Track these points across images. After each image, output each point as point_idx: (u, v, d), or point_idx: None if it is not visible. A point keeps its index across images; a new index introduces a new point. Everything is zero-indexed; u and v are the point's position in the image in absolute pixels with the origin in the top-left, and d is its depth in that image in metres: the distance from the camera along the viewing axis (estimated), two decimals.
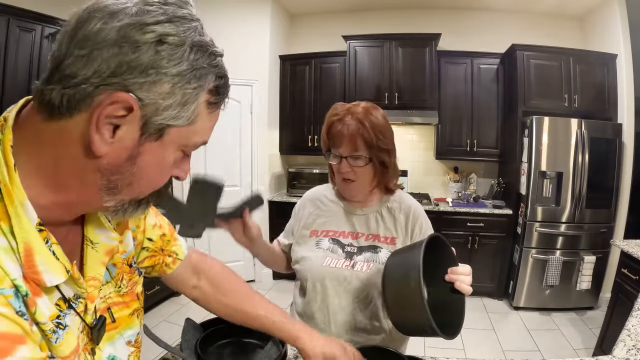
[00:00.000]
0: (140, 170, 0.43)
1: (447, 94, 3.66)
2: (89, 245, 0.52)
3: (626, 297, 2.18)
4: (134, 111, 0.39)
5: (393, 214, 1.08)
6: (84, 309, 0.50)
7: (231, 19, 3.54)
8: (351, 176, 1.01)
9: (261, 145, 3.76)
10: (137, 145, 0.42)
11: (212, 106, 0.47)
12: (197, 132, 0.46)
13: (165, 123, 0.42)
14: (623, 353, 0.99)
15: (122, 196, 0.45)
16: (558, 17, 3.73)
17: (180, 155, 0.47)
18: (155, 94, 0.40)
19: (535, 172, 3.12)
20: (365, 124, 0.98)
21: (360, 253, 1.04)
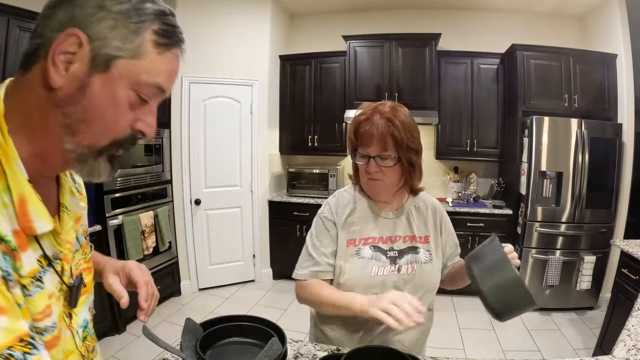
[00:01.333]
0: (91, 104, 0.47)
1: (447, 94, 3.66)
2: (65, 211, 0.58)
3: (626, 297, 2.18)
4: (83, 45, 0.45)
5: (422, 213, 1.10)
6: (62, 270, 0.54)
7: (231, 19, 3.53)
8: (379, 176, 1.00)
9: (261, 145, 3.77)
10: (87, 75, 0.46)
11: (160, 47, 0.50)
12: (146, 69, 0.49)
13: (111, 54, 0.47)
14: (623, 353, 0.99)
15: (80, 137, 0.48)
16: (558, 17, 3.73)
17: (134, 97, 0.49)
18: (101, 28, 0.46)
19: (535, 172, 3.12)
20: (395, 122, 0.96)
21: (402, 256, 1.04)
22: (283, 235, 3.79)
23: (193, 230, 3.56)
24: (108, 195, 2.72)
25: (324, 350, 1.02)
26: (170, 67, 0.53)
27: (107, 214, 2.70)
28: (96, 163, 0.51)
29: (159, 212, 3.12)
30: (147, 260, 3.05)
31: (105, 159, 0.52)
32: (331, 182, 3.80)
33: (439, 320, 0.92)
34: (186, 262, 3.55)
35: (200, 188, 3.57)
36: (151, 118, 0.53)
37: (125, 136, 0.51)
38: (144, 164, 3.05)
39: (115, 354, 2.52)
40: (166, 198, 3.31)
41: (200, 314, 3.10)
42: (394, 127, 0.96)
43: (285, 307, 3.30)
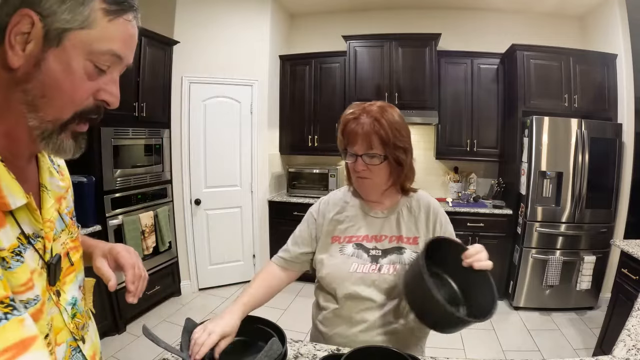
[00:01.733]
0: (48, 78, 0.48)
1: (447, 94, 3.66)
2: (44, 190, 0.59)
3: (626, 297, 2.18)
4: (35, 23, 0.47)
5: (413, 214, 1.09)
6: (43, 248, 0.56)
7: (231, 19, 3.53)
8: (366, 174, 1.02)
9: (261, 145, 3.76)
10: (42, 51, 0.48)
11: (111, 14, 0.51)
12: (98, 38, 0.50)
13: (62, 27, 0.48)
14: (623, 353, 0.99)
15: (43, 113, 0.50)
16: (558, 17, 3.73)
17: (91, 67, 0.51)
18: (51, 4, 0.47)
19: (535, 172, 3.12)
20: (382, 122, 0.98)
21: (385, 256, 1.04)
22: (283, 235, 3.74)
23: (193, 230, 3.56)
24: (108, 195, 2.72)
25: (324, 350, 1.02)
26: (124, 33, 0.53)
27: (107, 214, 2.70)
28: (60, 139, 0.52)
29: (159, 212, 3.12)
30: (147, 260, 3.05)
31: (69, 135, 0.53)
32: (331, 182, 3.80)
33: None
34: (186, 262, 3.55)
35: (200, 188, 3.57)
36: (113, 87, 0.54)
37: (88, 107, 0.53)
38: (144, 164, 3.05)
39: (115, 354, 2.52)
40: (166, 198, 3.31)
41: (200, 314, 3.10)
42: (380, 125, 0.97)
43: (285, 307, 3.30)
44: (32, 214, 0.54)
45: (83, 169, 2.63)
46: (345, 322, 1.06)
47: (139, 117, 2.94)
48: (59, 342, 0.58)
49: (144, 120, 3.00)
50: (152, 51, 3.02)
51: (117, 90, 0.55)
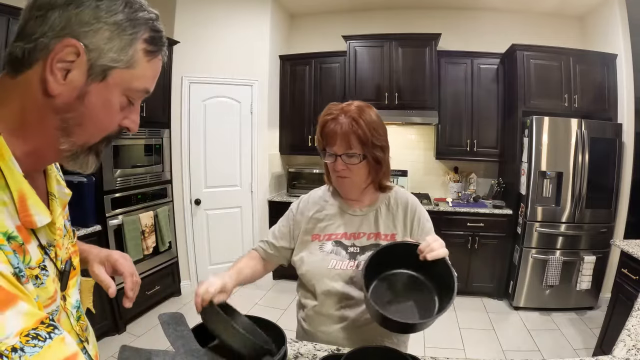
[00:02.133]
0: (88, 110, 0.50)
1: (447, 94, 3.66)
2: (53, 199, 0.61)
3: (626, 297, 2.18)
4: (80, 55, 0.47)
5: (392, 211, 1.11)
6: (55, 256, 0.57)
7: (231, 19, 3.53)
8: (346, 173, 1.03)
9: (261, 145, 3.76)
10: (85, 85, 0.49)
11: (150, 54, 0.54)
12: (137, 77, 0.53)
13: (108, 65, 0.50)
14: (623, 353, 0.99)
15: (75, 138, 0.52)
16: (558, 17, 3.73)
17: (125, 101, 0.54)
18: (97, 40, 0.48)
19: (535, 172, 3.12)
20: (360, 122, 0.99)
21: (363, 253, 1.06)
22: None
23: (193, 230, 3.56)
24: (108, 195, 2.72)
25: (324, 350, 1.02)
26: (156, 71, 0.57)
27: (107, 214, 2.70)
28: (85, 158, 0.55)
29: (159, 212, 3.12)
30: (147, 260, 3.05)
31: (94, 153, 0.57)
32: None
33: (439, 320, 0.91)
34: (186, 262, 3.55)
35: (200, 188, 3.57)
36: (135, 115, 0.58)
37: (113, 132, 0.56)
38: (144, 164, 3.05)
39: (115, 354, 2.50)
40: (166, 198, 3.31)
41: None
42: (358, 126, 0.98)
43: (285, 307, 3.30)
44: (50, 227, 0.56)
45: None
46: (325, 319, 1.08)
47: None
48: None
49: (144, 120, 2.99)
50: None
51: (138, 118, 0.59)
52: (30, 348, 0.41)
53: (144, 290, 3.04)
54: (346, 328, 1.06)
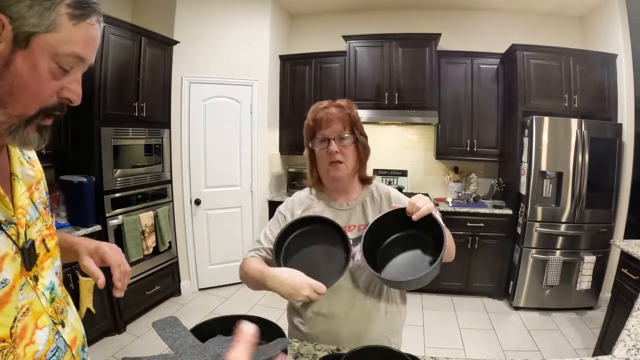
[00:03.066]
0: (16, 78, 0.51)
1: (447, 94, 3.66)
2: (16, 179, 0.62)
3: (626, 297, 2.18)
4: (5, 26, 0.49)
5: (376, 202, 1.16)
6: (17, 234, 0.58)
7: (231, 19, 3.53)
8: (340, 157, 1.06)
9: (261, 145, 3.76)
10: (11, 53, 0.51)
11: (75, 18, 0.54)
12: (63, 41, 0.53)
13: (29, 31, 0.51)
14: (623, 353, 0.99)
15: (10, 109, 0.53)
16: (558, 17, 3.73)
17: (55, 67, 0.54)
18: (20, 8, 0.50)
19: (535, 172, 3.12)
20: (349, 110, 1.09)
21: (356, 244, 1.07)
22: None
23: (193, 230, 3.56)
24: (108, 195, 2.72)
25: (324, 350, 1.03)
26: (87, 36, 0.56)
27: (107, 214, 2.70)
28: (26, 132, 0.55)
29: (159, 212, 3.12)
30: (147, 261, 3.05)
31: (34, 128, 0.56)
32: None
33: (439, 320, 0.92)
34: (186, 262, 3.55)
35: (200, 188, 3.57)
36: (76, 85, 0.58)
37: (52, 104, 0.56)
38: (144, 164, 3.05)
39: (115, 354, 2.51)
40: (166, 198, 3.31)
41: (200, 314, 3.10)
42: (350, 111, 1.08)
43: (285, 307, 3.30)
44: (1, 200, 0.56)
45: (83, 169, 2.63)
46: (325, 317, 1.10)
47: (139, 117, 2.94)
48: (40, 326, 0.60)
49: (144, 120, 2.99)
50: (152, 51, 3.02)
51: (79, 88, 0.58)
52: None
53: (144, 290, 3.04)
54: (345, 319, 1.08)
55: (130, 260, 2.82)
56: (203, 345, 0.83)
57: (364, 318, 1.09)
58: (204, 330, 0.90)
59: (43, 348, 0.60)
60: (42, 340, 0.60)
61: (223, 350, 0.82)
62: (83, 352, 0.73)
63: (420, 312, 3.23)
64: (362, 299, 1.09)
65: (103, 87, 2.61)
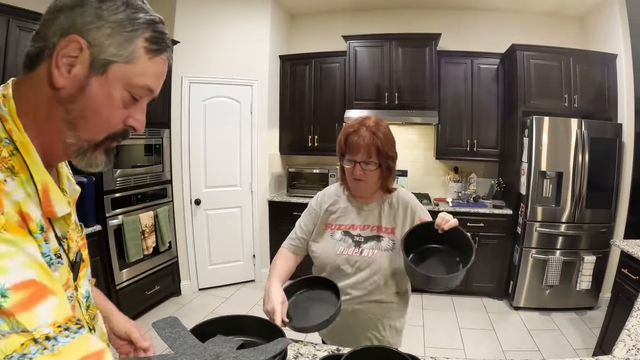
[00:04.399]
0: (90, 102, 0.54)
1: (447, 94, 3.66)
2: (65, 195, 0.64)
3: (626, 297, 2.18)
4: (83, 50, 0.52)
5: (393, 209, 1.28)
6: (68, 248, 0.62)
7: (231, 19, 3.53)
8: (362, 177, 1.21)
9: (261, 145, 3.76)
10: (87, 77, 0.53)
11: (151, 52, 0.57)
12: (138, 73, 0.56)
13: (108, 59, 0.53)
14: (623, 353, 0.99)
15: (80, 132, 0.55)
16: (558, 17, 3.73)
17: (127, 97, 0.56)
18: (99, 36, 0.52)
19: (535, 172, 3.12)
20: (379, 135, 1.18)
21: (367, 242, 1.24)
22: (283, 235, 3.72)
23: (193, 230, 3.56)
24: (108, 195, 2.72)
25: (324, 350, 1.03)
26: (159, 70, 0.60)
27: (107, 214, 2.70)
28: (94, 155, 0.58)
29: (159, 212, 3.12)
30: (147, 260, 3.06)
31: (102, 151, 0.59)
32: (331, 182, 3.80)
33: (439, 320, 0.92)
34: (186, 262, 3.55)
35: (200, 188, 3.57)
36: (141, 115, 0.60)
37: (118, 130, 0.58)
38: (144, 164, 3.05)
39: (115, 354, 2.51)
40: (166, 198, 3.31)
41: (200, 314, 3.10)
42: (378, 138, 1.18)
43: None
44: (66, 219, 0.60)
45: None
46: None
47: None
48: None
49: None
50: None
51: (143, 117, 0.61)
52: (63, 338, 0.45)
53: (144, 290, 3.04)
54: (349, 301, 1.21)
55: (130, 260, 2.83)
56: (203, 345, 0.83)
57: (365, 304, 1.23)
58: (204, 331, 0.90)
59: None
60: None
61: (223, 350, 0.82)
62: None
63: (420, 312, 3.23)
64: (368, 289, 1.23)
65: None
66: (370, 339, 1.26)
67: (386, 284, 1.22)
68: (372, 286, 1.21)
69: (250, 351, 0.82)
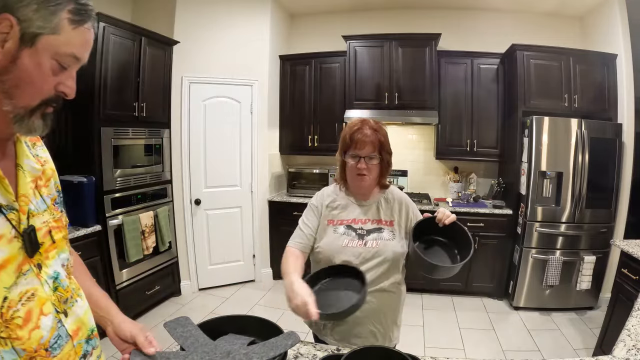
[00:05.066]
0: (23, 72, 0.59)
1: (447, 94, 3.66)
2: (20, 170, 0.68)
3: (626, 297, 2.18)
4: (13, 27, 0.57)
5: (390, 203, 1.39)
6: (18, 220, 0.63)
7: (231, 19, 3.53)
8: (365, 172, 1.30)
9: (261, 145, 3.76)
10: (18, 50, 0.58)
11: (74, 23, 0.61)
12: (64, 43, 0.61)
13: (36, 32, 0.58)
14: (623, 353, 0.99)
15: (16, 100, 0.60)
16: (558, 17, 3.73)
17: (56, 65, 0.61)
18: (27, 12, 0.57)
19: (535, 172, 3.12)
20: (382, 132, 1.32)
21: (369, 234, 1.32)
22: (283, 235, 3.74)
23: (193, 230, 3.56)
24: (108, 195, 2.72)
25: (324, 350, 1.03)
26: (84, 39, 0.64)
27: (107, 214, 2.70)
28: (31, 120, 0.62)
29: (159, 212, 3.12)
30: (147, 260, 3.05)
31: (39, 116, 0.63)
32: (331, 182, 3.78)
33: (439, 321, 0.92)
34: (186, 262, 3.55)
35: (200, 188, 3.57)
36: (71, 82, 0.65)
37: (50, 97, 0.63)
38: (144, 164, 3.05)
39: (115, 354, 2.50)
40: (166, 198, 3.31)
41: (200, 314, 3.10)
42: (381, 135, 1.31)
43: (286, 307, 3.30)
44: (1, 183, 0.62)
45: (83, 169, 2.63)
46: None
47: (139, 117, 2.94)
48: (45, 312, 0.65)
49: (144, 120, 2.99)
50: (152, 51, 3.02)
51: (74, 84, 0.65)
52: None
53: (144, 290, 3.04)
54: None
55: (130, 260, 2.83)
56: (214, 343, 0.83)
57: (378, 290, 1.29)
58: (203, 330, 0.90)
59: (47, 334, 0.64)
60: (46, 327, 0.64)
61: (233, 347, 0.83)
62: (87, 344, 0.76)
63: (420, 312, 3.23)
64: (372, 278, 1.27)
65: (103, 87, 2.61)
66: (374, 333, 1.28)
67: (389, 272, 1.29)
68: (376, 274, 1.27)
69: (260, 346, 0.82)
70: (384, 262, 1.28)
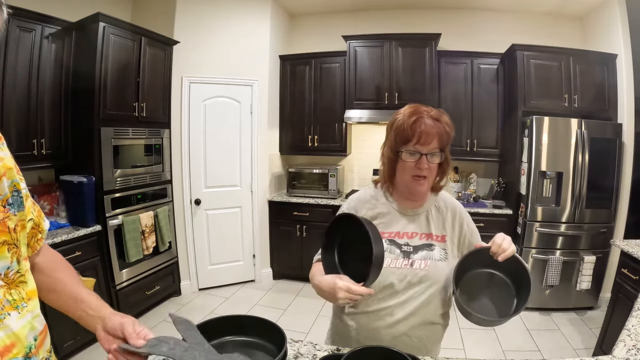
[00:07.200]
0: None
1: (447, 93, 3.66)
2: None
3: (626, 297, 2.18)
4: None
5: (441, 213, 1.12)
6: None
7: (231, 19, 3.53)
8: (426, 173, 1.03)
9: (261, 145, 3.76)
10: None
11: None
12: None
13: None
14: (623, 353, 0.99)
15: None
16: (558, 17, 3.73)
17: None
18: None
19: (535, 172, 3.12)
20: (442, 122, 1.03)
21: (417, 252, 1.07)
22: (283, 235, 3.78)
23: (193, 230, 3.56)
24: (108, 195, 2.72)
25: (324, 350, 1.03)
26: None
27: (107, 214, 2.70)
28: None
29: (159, 212, 3.12)
30: (147, 260, 3.05)
31: None
32: (331, 182, 3.80)
33: None
34: (186, 262, 3.55)
35: (200, 188, 3.57)
36: None
37: None
38: (144, 164, 3.05)
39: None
40: (166, 198, 3.31)
41: (200, 314, 3.10)
42: (446, 125, 1.03)
43: (285, 307, 3.30)
44: None
45: (83, 169, 2.63)
46: (373, 316, 1.07)
47: (139, 117, 2.94)
48: None
49: (144, 120, 3.00)
50: (152, 51, 3.02)
51: None
52: None
53: (144, 290, 3.04)
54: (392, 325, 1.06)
55: (130, 260, 2.82)
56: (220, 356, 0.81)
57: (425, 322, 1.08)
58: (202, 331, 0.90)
59: None
60: None
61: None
62: None
63: None
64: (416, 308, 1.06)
65: (103, 87, 2.61)
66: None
67: (437, 301, 1.07)
68: (421, 303, 1.05)
69: None
70: (434, 288, 1.05)
